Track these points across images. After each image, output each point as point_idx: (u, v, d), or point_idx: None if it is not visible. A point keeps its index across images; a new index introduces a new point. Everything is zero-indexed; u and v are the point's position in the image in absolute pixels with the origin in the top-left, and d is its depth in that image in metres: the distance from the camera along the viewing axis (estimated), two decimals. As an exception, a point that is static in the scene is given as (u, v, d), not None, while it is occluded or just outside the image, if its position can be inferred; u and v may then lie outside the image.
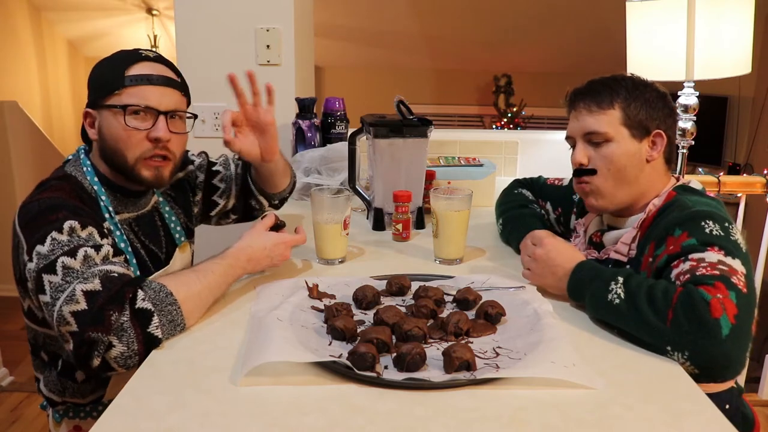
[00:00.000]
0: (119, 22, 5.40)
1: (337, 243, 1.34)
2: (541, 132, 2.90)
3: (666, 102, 1.23)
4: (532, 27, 4.91)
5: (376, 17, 4.91)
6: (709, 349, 0.90)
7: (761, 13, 3.14)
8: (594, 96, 1.22)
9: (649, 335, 0.95)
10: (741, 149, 4.60)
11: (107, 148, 1.20)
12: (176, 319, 0.99)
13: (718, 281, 0.95)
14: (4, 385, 2.87)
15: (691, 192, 1.20)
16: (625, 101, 1.20)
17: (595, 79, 1.27)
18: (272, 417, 0.80)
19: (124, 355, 0.93)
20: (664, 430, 0.78)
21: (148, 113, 1.18)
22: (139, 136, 1.18)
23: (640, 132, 1.20)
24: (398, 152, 1.57)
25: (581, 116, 1.24)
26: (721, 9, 1.85)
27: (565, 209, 1.50)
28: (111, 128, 1.18)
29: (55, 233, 1.02)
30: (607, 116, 1.20)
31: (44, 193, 1.12)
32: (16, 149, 3.77)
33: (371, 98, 3.99)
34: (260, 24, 2.12)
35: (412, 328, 0.97)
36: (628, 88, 1.21)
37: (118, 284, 0.96)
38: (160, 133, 1.19)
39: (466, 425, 0.78)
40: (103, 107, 1.18)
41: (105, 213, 1.21)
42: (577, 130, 1.26)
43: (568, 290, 1.12)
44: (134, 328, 0.94)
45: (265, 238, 1.20)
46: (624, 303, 0.99)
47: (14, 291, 1.13)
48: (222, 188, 1.49)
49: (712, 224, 1.05)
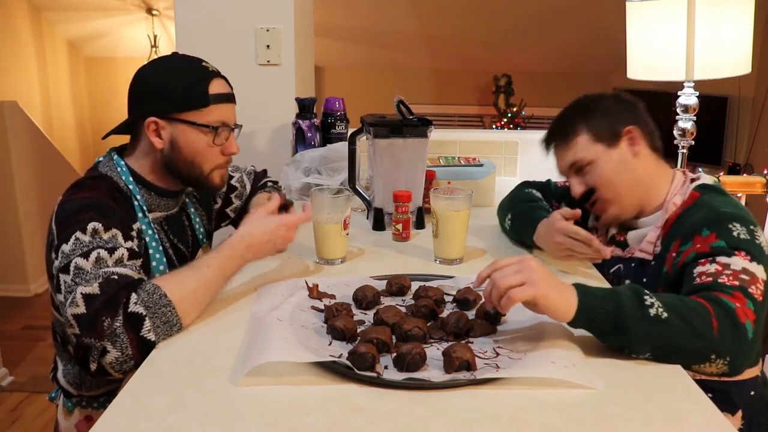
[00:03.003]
0: (119, 22, 5.40)
1: (337, 243, 1.34)
2: (542, 132, 2.88)
3: (621, 101, 1.31)
4: (532, 27, 4.91)
5: (376, 17, 4.91)
6: (742, 351, 0.97)
7: (761, 13, 3.14)
8: (558, 133, 1.34)
9: (701, 345, 0.94)
10: (741, 149, 4.60)
11: (180, 160, 1.23)
12: (171, 320, 0.99)
13: (737, 291, 1.01)
14: (4, 385, 2.87)
15: (715, 191, 1.24)
16: (584, 122, 1.30)
17: (557, 115, 1.38)
18: (272, 417, 0.80)
19: (119, 360, 0.94)
20: (664, 430, 0.78)
21: (225, 129, 1.25)
22: (217, 150, 1.25)
23: (613, 139, 1.27)
24: (398, 152, 1.57)
25: (559, 154, 1.35)
26: (721, 9, 1.85)
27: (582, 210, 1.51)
28: (192, 143, 1.22)
29: (80, 233, 1.05)
30: (577, 144, 1.30)
31: (79, 193, 1.14)
32: (16, 149, 3.77)
33: (371, 98, 3.99)
34: (260, 24, 2.12)
35: (412, 328, 0.97)
36: (581, 109, 1.32)
37: (115, 288, 0.97)
38: (235, 149, 1.28)
39: (466, 425, 0.78)
40: (183, 122, 1.20)
41: (139, 212, 1.22)
42: (563, 167, 1.36)
43: (582, 307, 0.93)
44: (127, 333, 0.95)
45: (265, 223, 1.17)
46: (671, 317, 0.93)
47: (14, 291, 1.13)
48: (236, 204, 1.56)
49: (740, 227, 1.11)
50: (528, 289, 0.91)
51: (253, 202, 1.54)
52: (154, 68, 1.24)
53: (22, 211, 3.80)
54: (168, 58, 1.28)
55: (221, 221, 1.57)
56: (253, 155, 2.19)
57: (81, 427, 1.27)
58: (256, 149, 2.22)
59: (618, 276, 1.33)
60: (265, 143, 2.22)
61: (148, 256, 1.21)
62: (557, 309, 0.92)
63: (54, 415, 1.35)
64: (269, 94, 2.17)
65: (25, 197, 3.83)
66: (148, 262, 1.21)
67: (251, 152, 2.20)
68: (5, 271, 3.87)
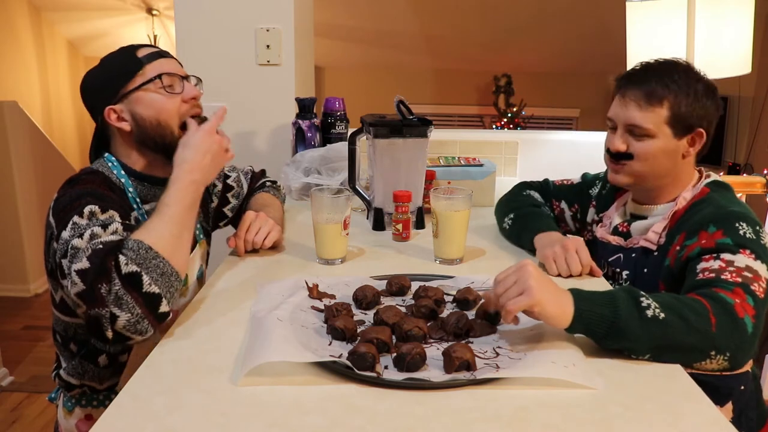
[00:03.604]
0: (119, 22, 5.40)
1: (337, 243, 1.34)
2: (541, 132, 2.90)
3: (714, 98, 1.25)
4: (532, 27, 4.91)
5: (376, 17, 4.91)
6: (742, 346, 0.96)
7: (761, 13, 3.14)
8: (645, 89, 1.23)
9: (700, 342, 0.94)
10: (741, 149, 4.60)
11: (149, 128, 1.23)
12: (166, 270, 1.01)
13: (737, 287, 1.02)
14: (4, 385, 2.87)
15: (725, 189, 1.24)
16: (675, 99, 1.21)
17: (651, 65, 1.27)
18: (272, 417, 0.80)
19: (131, 321, 0.96)
20: (664, 430, 0.78)
21: (174, 79, 1.24)
22: (176, 100, 1.24)
23: (683, 130, 1.23)
24: (398, 152, 1.57)
25: (629, 107, 1.24)
26: (721, 9, 1.85)
27: (582, 205, 1.52)
28: (149, 105, 1.22)
29: (77, 217, 1.06)
30: (654, 114, 1.22)
31: (75, 187, 1.16)
32: (16, 149, 3.77)
33: (371, 98, 3.99)
34: (260, 24, 2.12)
35: (412, 328, 0.97)
36: (680, 84, 1.22)
37: (101, 255, 0.98)
38: (194, 92, 1.27)
39: (466, 425, 0.78)
40: (131, 92, 1.22)
41: (133, 204, 1.24)
42: (621, 118, 1.27)
43: (578, 312, 0.93)
44: (130, 293, 0.96)
45: (192, 143, 1.16)
46: (669, 316, 0.93)
47: (14, 291, 1.13)
48: (233, 204, 1.58)
49: (746, 226, 1.11)
50: (523, 298, 0.91)
51: (252, 204, 1.54)
52: (91, 68, 1.28)
53: (22, 211, 3.80)
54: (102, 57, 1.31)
55: (219, 221, 1.58)
56: (253, 155, 2.19)
57: (81, 426, 1.27)
58: (256, 149, 2.22)
59: (615, 266, 1.34)
60: (265, 143, 2.22)
61: None
62: (553, 316, 0.93)
63: (54, 416, 1.35)
64: (269, 94, 2.17)
65: (25, 197, 3.83)
66: None
67: (251, 152, 2.20)
68: (5, 271, 3.87)
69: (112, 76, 1.23)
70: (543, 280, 0.94)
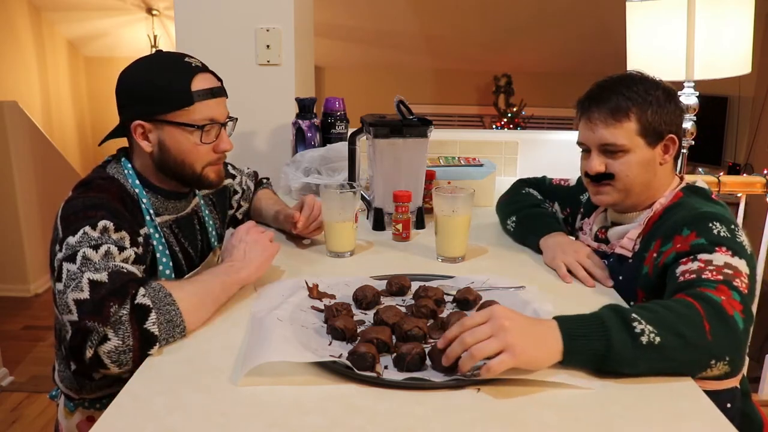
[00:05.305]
0: (119, 22, 5.41)
1: (349, 236, 1.39)
2: (541, 132, 2.90)
3: (675, 101, 1.24)
4: (532, 27, 4.91)
5: (376, 17, 4.91)
6: (738, 347, 0.93)
7: (761, 13, 3.14)
8: (609, 106, 1.21)
9: (699, 355, 0.91)
10: (741, 149, 4.60)
11: (170, 160, 1.22)
12: (174, 320, 0.98)
13: (721, 284, 0.99)
14: (4, 385, 2.87)
15: (698, 194, 1.23)
16: (640, 110, 1.20)
17: (605, 83, 1.26)
18: (272, 417, 0.80)
19: (118, 349, 0.93)
20: (663, 430, 0.78)
21: (214, 127, 1.23)
22: (207, 148, 1.23)
23: (655, 139, 1.22)
24: (398, 152, 1.57)
25: (597, 128, 1.23)
26: (721, 9, 1.85)
27: (573, 209, 1.52)
28: (180, 144, 1.20)
29: (89, 228, 1.04)
30: (624, 129, 1.21)
31: (90, 192, 1.14)
32: (16, 149, 3.77)
33: (371, 98, 3.99)
34: (260, 24, 2.12)
35: (412, 328, 0.97)
36: (641, 93, 1.21)
37: (124, 279, 0.98)
38: (227, 146, 1.26)
39: (466, 425, 0.78)
40: (168, 123, 1.18)
41: (146, 216, 1.22)
42: (592, 140, 1.25)
43: (568, 350, 0.88)
44: (131, 322, 0.94)
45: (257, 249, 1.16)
46: (665, 338, 0.88)
47: (14, 291, 1.13)
48: (244, 207, 1.61)
49: (719, 225, 1.09)
50: (506, 358, 0.84)
51: (262, 201, 1.60)
52: (136, 69, 1.21)
53: (22, 211, 3.80)
54: (150, 57, 1.25)
55: (230, 224, 1.61)
56: (253, 155, 2.19)
57: (82, 427, 1.27)
58: (256, 149, 2.22)
59: None
60: (265, 143, 2.22)
61: (154, 261, 1.21)
62: (542, 361, 0.88)
63: (54, 415, 1.35)
64: (269, 94, 2.18)
65: (25, 197, 3.83)
66: (154, 267, 1.21)
67: (251, 152, 2.20)
68: (5, 271, 3.87)
69: (158, 97, 1.17)
70: (519, 325, 0.87)
